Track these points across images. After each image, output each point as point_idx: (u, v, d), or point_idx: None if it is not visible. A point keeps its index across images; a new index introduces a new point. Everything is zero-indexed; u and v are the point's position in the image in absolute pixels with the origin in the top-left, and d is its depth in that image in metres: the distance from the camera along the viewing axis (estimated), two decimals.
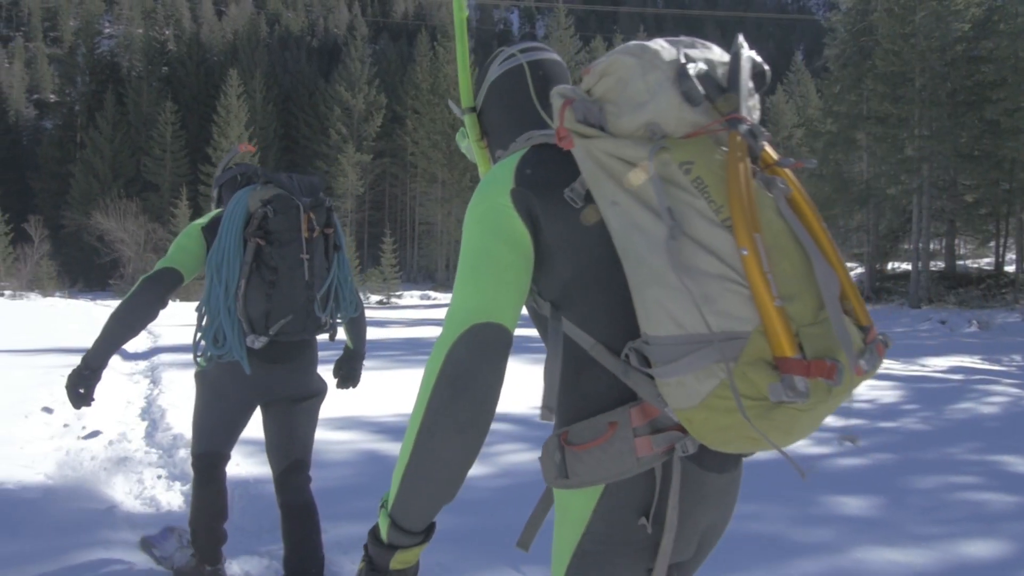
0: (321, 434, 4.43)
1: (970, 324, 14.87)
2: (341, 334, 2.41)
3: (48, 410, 3.68)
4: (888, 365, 8.32)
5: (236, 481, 3.21)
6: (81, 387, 1.98)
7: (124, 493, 3.35)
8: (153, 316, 2.04)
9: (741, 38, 0.95)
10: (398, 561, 0.87)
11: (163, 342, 10.36)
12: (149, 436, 4.64)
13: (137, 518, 2.99)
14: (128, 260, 37.60)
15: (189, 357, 2.31)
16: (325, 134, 45.87)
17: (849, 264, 27.96)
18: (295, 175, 2.21)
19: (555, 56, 1.20)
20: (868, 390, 6.37)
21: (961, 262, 25.26)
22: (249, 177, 2.29)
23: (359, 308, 2.38)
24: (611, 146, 0.87)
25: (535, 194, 0.91)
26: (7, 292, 32.94)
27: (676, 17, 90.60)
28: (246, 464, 3.68)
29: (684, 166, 0.84)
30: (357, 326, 2.42)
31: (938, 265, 23.50)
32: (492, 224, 0.92)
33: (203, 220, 2.22)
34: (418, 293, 36.19)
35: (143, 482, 3.59)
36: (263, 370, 2.11)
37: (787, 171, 0.88)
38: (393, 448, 4.17)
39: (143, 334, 11.75)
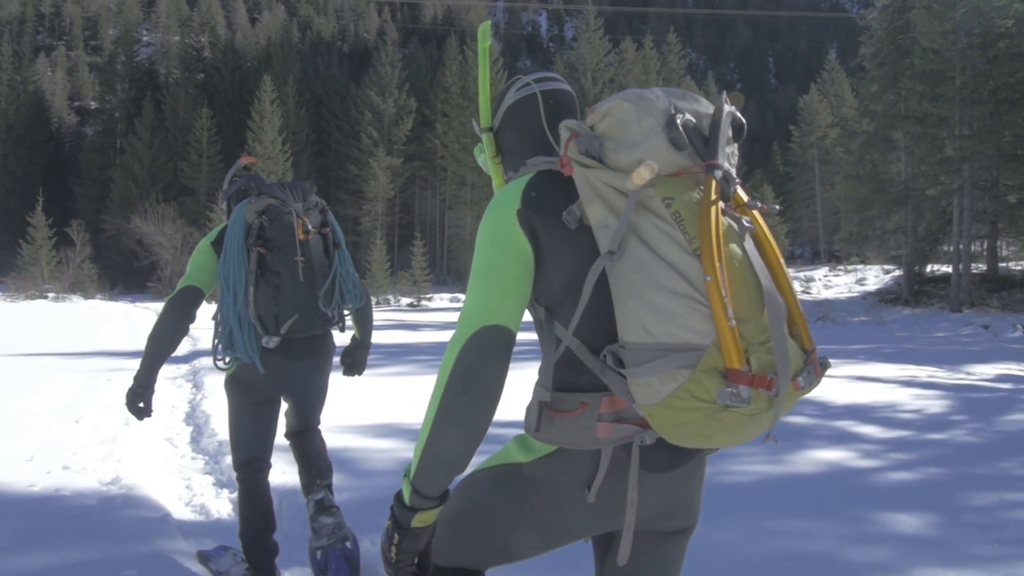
0: (360, 442, 4.49)
1: (1015, 329, 14.45)
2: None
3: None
4: (932, 372, 8.13)
5: (284, 491, 3.25)
6: (139, 402, 2.19)
7: (175, 499, 3.41)
8: (184, 332, 2.25)
9: (725, 95, 1.10)
10: (419, 520, 1.05)
11: (202, 345, 10.55)
12: (195, 441, 4.72)
13: (189, 527, 3.04)
14: (166, 263, 38.42)
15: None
16: (356, 138, 46.32)
17: (887, 267, 27.48)
18: (289, 183, 2.38)
19: (566, 87, 1.33)
20: (913, 399, 6.23)
21: (1004, 264, 24.56)
22: (246, 192, 2.42)
23: (364, 299, 2.54)
24: (607, 176, 1.03)
25: (537, 214, 1.08)
26: (51, 295, 33.88)
27: (706, 17, 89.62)
28: (292, 472, 3.71)
29: (666, 200, 1.00)
30: (363, 316, 2.60)
31: (979, 267, 22.87)
32: (500, 239, 1.09)
33: (212, 235, 2.38)
34: (448, 295, 36.34)
35: (192, 488, 3.65)
36: (286, 366, 2.32)
37: (754, 211, 1.05)
38: None
39: (184, 342, 11.99)
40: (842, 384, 7.10)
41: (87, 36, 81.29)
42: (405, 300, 35.40)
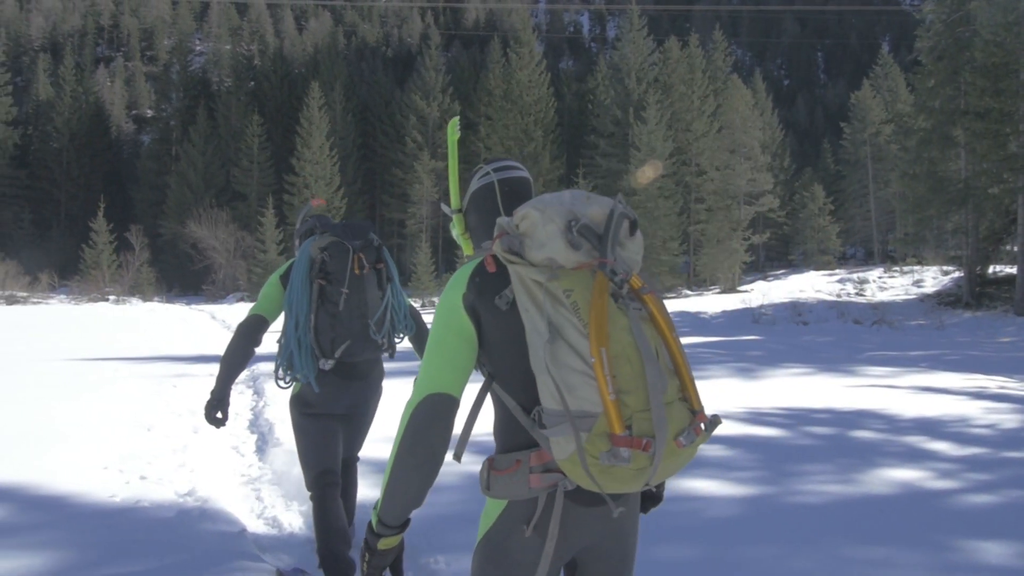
0: None
1: None
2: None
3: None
4: (1002, 383, 7.81)
5: (360, 506, 3.29)
6: (216, 412, 2.54)
7: (247, 512, 3.49)
8: (251, 354, 2.62)
9: (620, 197, 1.33)
10: (383, 544, 1.33)
11: (260, 350, 10.82)
12: (260, 451, 4.84)
13: (264, 541, 3.11)
14: (219, 266, 39.53)
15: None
16: (401, 142, 46.86)
17: (946, 268, 26.51)
18: (350, 223, 2.69)
19: (523, 174, 1.55)
20: (985, 413, 5.98)
21: None
22: (312, 229, 2.74)
23: (414, 328, 2.81)
24: (524, 271, 1.24)
25: (479, 298, 1.30)
26: (111, 297, 35.19)
27: (752, 13, 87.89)
28: (371, 491, 3.77)
29: (566, 291, 1.20)
30: (421, 340, 2.84)
31: None
32: (447, 319, 1.33)
33: (281, 269, 2.70)
34: None
35: (262, 500, 3.74)
36: (341, 386, 2.59)
37: (646, 296, 1.25)
38: None
39: None
40: (908, 396, 6.87)
41: (143, 47, 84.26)
42: None
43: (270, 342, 2.67)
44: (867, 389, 7.37)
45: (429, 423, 1.28)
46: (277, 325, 2.72)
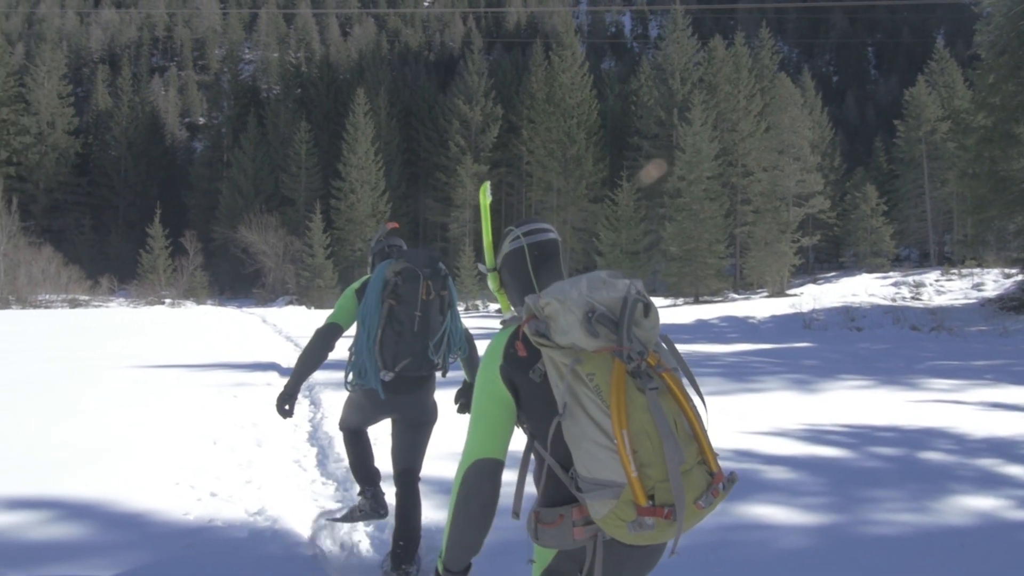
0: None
1: None
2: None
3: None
4: None
5: (426, 529, 3.32)
6: (285, 405, 2.86)
7: (315, 530, 3.55)
8: (325, 357, 2.94)
9: (634, 282, 1.48)
10: None
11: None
12: (321, 465, 4.92)
13: (335, 562, 3.16)
14: (269, 270, 40.50)
15: (341, 376, 3.17)
16: (444, 146, 47.26)
17: (1008, 270, 25.46)
18: (421, 250, 2.95)
19: (551, 236, 1.69)
20: None
21: None
22: (388, 253, 3.04)
23: (468, 351, 3.03)
24: (552, 354, 1.39)
25: (514, 370, 1.46)
26: (167, 300, 36.38)
27: (799, 9, 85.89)
28: (435, 513, 3.80)
29: (589, 375, 1.34)
30: (472, 363, 3.06)
31: None
32: (487, 388, 1.49)
33: (356, 284, 3.01)
34: None
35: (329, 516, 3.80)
36: (392, 396, 2.87)
37: (664, 373, 1.39)
38: None
39: (293, 352, 12.53)
40: (976, 413, 6.62)
41: (195, 56, 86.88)
42: (494, 306, 35.80)
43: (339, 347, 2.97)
44: (932, 405, 7.12)
45: (479, 485, 1.47)
46: (349, 333, 3.01)
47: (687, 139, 34.00)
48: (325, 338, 2.90)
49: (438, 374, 3.04)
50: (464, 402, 3.07)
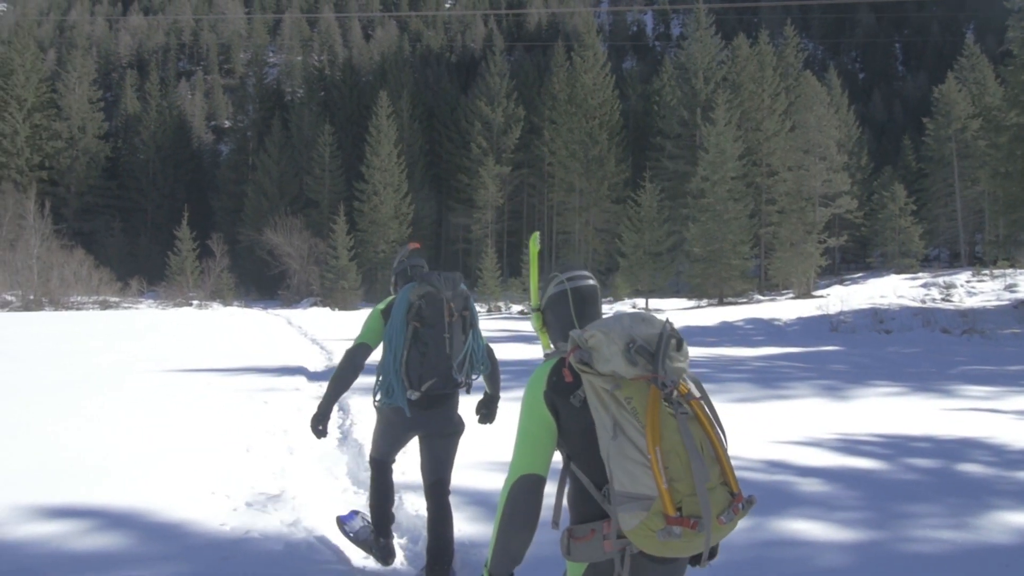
0: None
1: None
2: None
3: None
4: None
5: (459, 544, 3.34)
6: (319, 425, 3.03)
7: (350, 545, 3.58)
8: (356, 376, 3.09)
9: (668, 320, 1.64)
10: None
11: (338, 358, 11.12)
12: (352, 474, 4.96)
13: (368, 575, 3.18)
14: (293, 272, 40.92)
15: (369, 381, 3.27)
16: (466, 148, 47.36)
17: None
18: (443, 273, 3.06)
19: (591, 283, 1.88)
20: None
21: None
22: (411, 276, 3.16)
23: (489, 368, 3.15)
24: (594, 380, 1.55)
25: (556, 395, 1.63)
26: (195, 302, 36.93)
27: (824, 6, 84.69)
28: (467, 525, 3.82)
29: (627, 399, 1.50)
30: (492, 377, 3.19)
31: None
32: (532, 412, 1.66)
33: (382, 305, 3.14)
34: None
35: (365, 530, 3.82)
36: (419, 413, 2.98)
37: (692, 401, 1.55)
38: None
39: (319, 356, 12.63)
40: (1014, 422, 6.48)
41: (221, 60, 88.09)
42: (516, 307, 35.81)
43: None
44: (967, 413, 6.99)
45: (524, 498, 1.62)
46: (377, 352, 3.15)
47: (711, 139, 33.72)
48: (354, 359, 3.04)
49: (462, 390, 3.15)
50: (485, 413, 3.18)
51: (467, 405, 3.24)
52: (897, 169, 41.73)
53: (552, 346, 1.89)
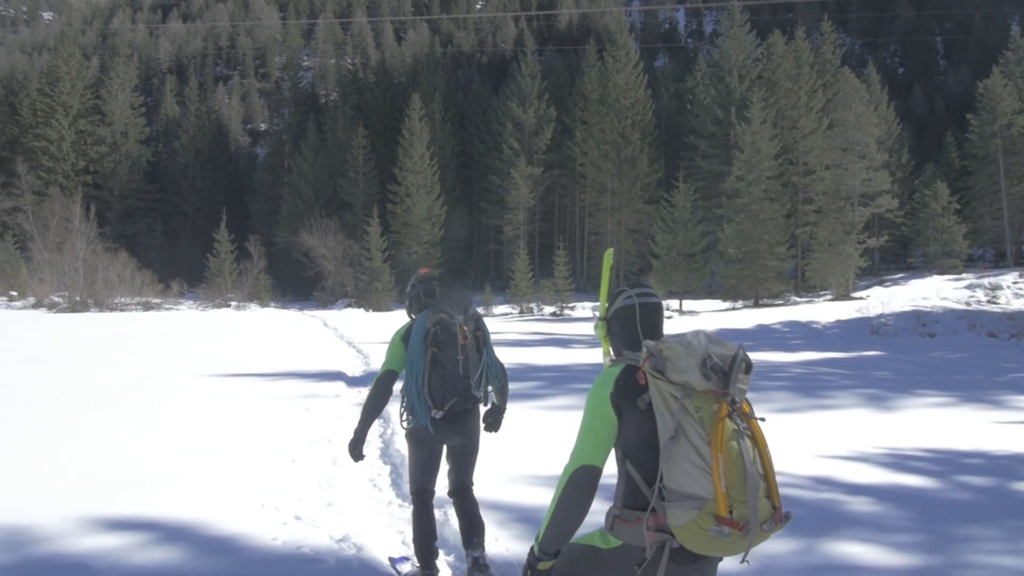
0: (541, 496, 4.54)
1: None
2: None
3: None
4: None
5: (499, 560, 3.36)
6: (357, 448, 3.26)
7: (397, 559, 3.62)
8: (386, 403, 3.32)
9: (742, 344, 1.79)
10: (542, 566, 1.86)
11: (375, 363, 11.25)
12: (396, 485, 5.02)
13: None
14: (328, 273, 41.47)
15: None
16: (498, 149, 47.41)
17: None
18: (454, 297, 3.32)
19: (657, 301, 2.01)
20: None
21: None
22: (424, 302, 3.44)
23: (501, 380, 3.37)
24: (666, 387, 1.69)
25: (622, 397, 1.78)
26: (233, 303, 37.67)
27: (863, 1, 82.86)
28: (497, 529, 3.85)
29: (696, 408, 1.66)
30: (501, 390, 3.42)
31: None
32: (597, 410, 1.81)
33: (401, 331, 3.35)
34: (590, 304, 36.28)
35: (407, 544, 3.86)
36: (445, 428, 3.22)
37: (752, 420, 1.73)
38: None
39: (357, 360, 12.78)
40: None
41: (257, 65, 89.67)
42: (548, 309, 35.76)
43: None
44: (1021, 427, 6.79)
45: (581, 485, 1.79)
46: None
47: (746, 138, 33.26)
48: (385, 386, 3.29)
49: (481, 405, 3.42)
50: (491, 422, 3.42)
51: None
52: (939, 167, 40.57)
53: (611, 354, 2.04)
